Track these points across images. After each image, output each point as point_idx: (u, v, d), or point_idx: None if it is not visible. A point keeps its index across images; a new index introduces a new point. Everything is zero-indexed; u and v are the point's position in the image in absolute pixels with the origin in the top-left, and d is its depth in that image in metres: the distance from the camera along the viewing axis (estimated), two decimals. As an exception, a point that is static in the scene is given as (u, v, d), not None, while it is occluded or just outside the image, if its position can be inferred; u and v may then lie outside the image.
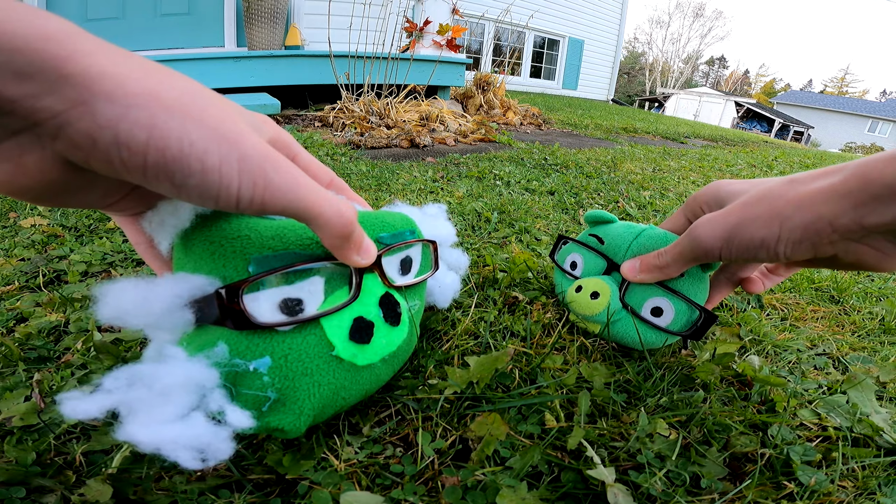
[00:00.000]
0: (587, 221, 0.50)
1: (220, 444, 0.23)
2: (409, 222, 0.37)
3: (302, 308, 0.28)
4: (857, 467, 0.33)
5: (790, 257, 0.30)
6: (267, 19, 2.78)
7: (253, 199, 0.21)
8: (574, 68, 7.96)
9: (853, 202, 0.26)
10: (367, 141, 1.64)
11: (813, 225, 0.28)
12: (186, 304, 0.25)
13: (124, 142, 0.18)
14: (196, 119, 0.19)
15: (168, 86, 0.19)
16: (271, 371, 0.26)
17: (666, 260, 0.38)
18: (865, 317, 0.61)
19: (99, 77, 0.18)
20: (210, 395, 0.24)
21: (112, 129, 0.18)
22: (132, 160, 0.19)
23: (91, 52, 0.18)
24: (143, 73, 0.19)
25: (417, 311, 0.38)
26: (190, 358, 0.25)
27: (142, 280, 0.25)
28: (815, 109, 22.09)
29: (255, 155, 0.21)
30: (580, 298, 0.44)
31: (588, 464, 0.29)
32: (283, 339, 0.27)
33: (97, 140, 0.18)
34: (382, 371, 0.33)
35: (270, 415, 0.26)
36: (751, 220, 0.31)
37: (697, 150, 2.44)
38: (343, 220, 0.24)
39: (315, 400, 0.28)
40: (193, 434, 0.22)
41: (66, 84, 0.17)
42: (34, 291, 0.49)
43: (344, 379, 0.29)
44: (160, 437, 0.21)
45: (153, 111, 0.18)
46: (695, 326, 0.40)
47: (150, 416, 0.21)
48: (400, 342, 0.33)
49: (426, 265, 0.39)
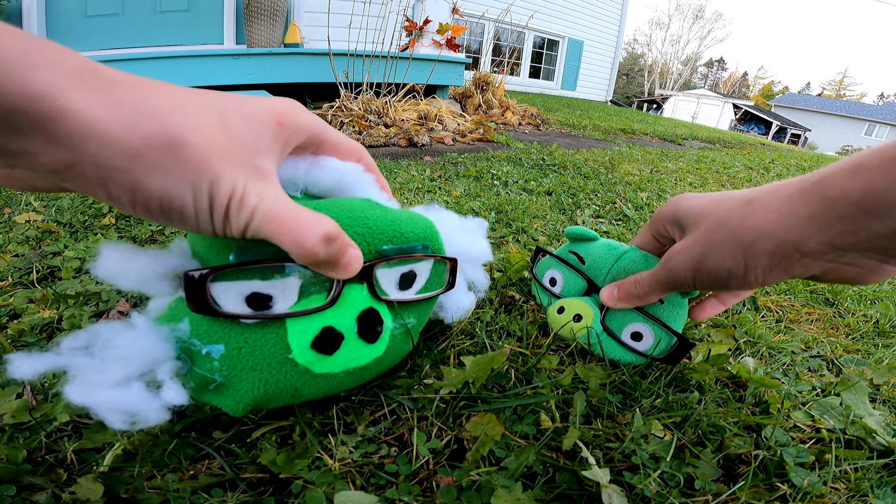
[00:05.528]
0: (568, 237, 0.49)
1: (151, 414, 0.25)
2: (428, 234, 0.34)
3: (270, 305, 0.28)
4: (850, 469, 0.33)
5: (765, 284, 0.29)
6: (266, 17, 2.77)
7: (217, 233, 0.23)
8: (573, 69, 7.97)
9: (818, 225, 0.25)
10: (365, 139, 1.64)
11: (778, 251, 0.27)
12: (168, 277, 0.27)
13: (115, 198, 0.21)
14: (176, 172, 0.21)
15: (157, 136, 0.20)
16: (222, 358, 0.27)
17: (644, 289, 0.38)
18: (860, 319, 0.61)
19: (87, 138, 0.19)
20: (160, 367, 0.26)
21: (103, 188, 0.20)
22: (123, 209, 0.22)
23: (80, 110, 0.19)
24: (132, 120, 0.20)
25: (414, 328, 0.36)
26: (151, 328, 0.26)
27: (127, 248, 0.26)
28: (813, 112, 22.19)
29: (228, 193, 0.22)
30: (562, 320, 0.44)
31: (583, 464, 0.29)
32: (242, 331, 0.28)
33: (90, 192, 0.21)
34: (344, 380, 0.32)
35: (213, 394, 0.28)
36: (714, 250, 0.30)
37: (695, 152, 2.44)
38: (303, 250, 0.24)
39: (258, 393, 0.28)
40: (126, 399, 0.24)
41: (58, 146, 0.19)
42: (27, 288, 0.49)
43: (296, 381, 0.29)
44: (93, 398, 0.23)
45: (135, 175, 0.20)
46: (671, 352, 0.40)
47: (90, 379, 0.23)
48: (370, 360, 0.32)
49: (435, 282, 0.36)
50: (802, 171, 2.29)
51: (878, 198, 0.23)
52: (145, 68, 2.22)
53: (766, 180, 1.79)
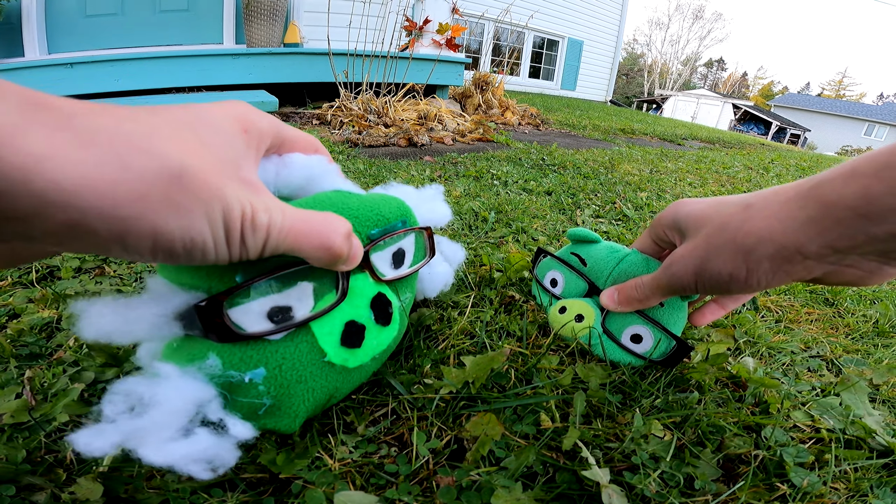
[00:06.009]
0: (570, 239, 0.50)
1: (226, 454, 0.24)
2: (403, 210, 0.36)
3: (291, 316, 0.28)
4: (850, 469, 0.33)
5: (768, 287, 0.29)
6: (266, 16, 2.76)
7: (232, 259, 0.22)
8: (573, 69, 7.97)
9: (817, 229, 0.26)
10: (364, 139, 1.64)
11: (779, 254, 0.27)
12: (173, 319, 0.25)
13: (132, 249, 0.18)
14: (188, 206, 0.18)
15: (156, 170, 0.18)
16: (266, 381, 0.27)
17: (644, 293, 0.38)
18: (859, 319, 0.61)
19: (77, 190, 0.16)
20: (208, 406, 0.25)
21: (119, 241, 0.18)
22: (141, 259, 0.19)
23: (52, 155, 0.15)
24: (117, 158, 0.17)
25: (408, 303, 0.38)
26: (183, 373, 0.25)
27: (120, 302, 0.24)
28: (813, 112, 22.20)
29: (239, 217, 0.21)
30: (564, 320, 0.44)
31: (583, 464, 0.29)
32: (276, 348, 0.27)
33: (105, 249, 0.18)
34: (372, 367, 0.34)
35: (266, 418, 0.27)
36: (715, 255, 0.30)
37: (694, 152, 2.44)
38: (331, 252, 0.24)
39: (309, 404, 0.28)
40: (200, 448, 0.23)
41: (52, 207, 0.15)
42: (27, 287, 0.49)
43: (336, 381, 0.30)
44: (171, 456, 0.22)
45: (151, 219, 0.18)
46: (669, 354, 0.40)
47: (158, 438, 0.22)
48: (390, 340, 0.34)
49: (420, 254, 0.38)
50: (802, 171, 2.29)
51: (875, 203, 0.23)
52: (145, 68, 2.22)
53: (765, 180, 1.79)
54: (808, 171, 2.39)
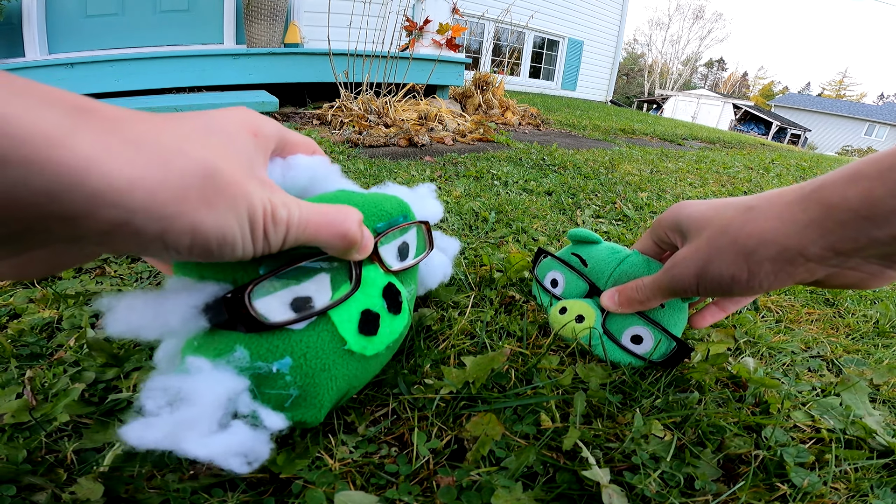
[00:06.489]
0: (571, 239, 0.50)
1: (260, 447, 0.24)
2: (403, 206, 0.37)
3: (312, 306, 0.28)
4: (850, 469, 0.33)
5: (770, 289, 0.29)
6: (266, 17, 2.77)
7: (256, 254, 0.23)
8: (573, 69, 7.97)
9: (819, 231, 0.26)
10: (365, 139, 1.64)
11: (781, 256, 0.27)
12: (200, 311, 0.26)
13: (172, 246, 0.19)
14: (219, 204, 0.20)
15: (193, 171, 0.19)
16: (293, 370, 0.27)
17: (645, 294, 0.38)
18: (860, 319, 0.61)
19: (132, 189, 0.17)
20: (239, 399, 0.25)
21: (160, 239, 0.18)
22: (178, 256, 0.20)
23: (105, 159, 0.16)
24: (162, 160, 0.18)
25: (412, 294, 0.39)
26: (215, 366, 0.25)
27: (150, 295, 0.25)
28: (813, 112, 22.19)
29: (262, 213, 0.22)
30: (564, 320, 0.44)
31: (583, 464, 0.29)
32: (300, 338, 0.28)
33: (144, 248, 0.19)
34: (386, 357, 0.35)
35: (293, 409, 0.27)
36: (717, 257, 0.30)
37: (695, 152, 2.44)
38: (346, 239, 0.26)
39: (333, 393, 0.29)
40: (239, 441, 0.24)
41: (104, 206, 0.16)
42: (27, 287, 0.49)
43: (356, 370, 0.31)
44: (213, 449, 0.23)
45: (191, 217, 0.19)
46: (669, 355, 0.40)
47: (199, 431, 0.23)
48: (402, 328, 0.35)
49: (421, 247, 0.40)
50: (802, 171, 2.29)
51: (878, 205, 0.23)
52: (145, 68, 2.22)
53: (765, 180, 1.79)
54: (809, 171, 2.39)
